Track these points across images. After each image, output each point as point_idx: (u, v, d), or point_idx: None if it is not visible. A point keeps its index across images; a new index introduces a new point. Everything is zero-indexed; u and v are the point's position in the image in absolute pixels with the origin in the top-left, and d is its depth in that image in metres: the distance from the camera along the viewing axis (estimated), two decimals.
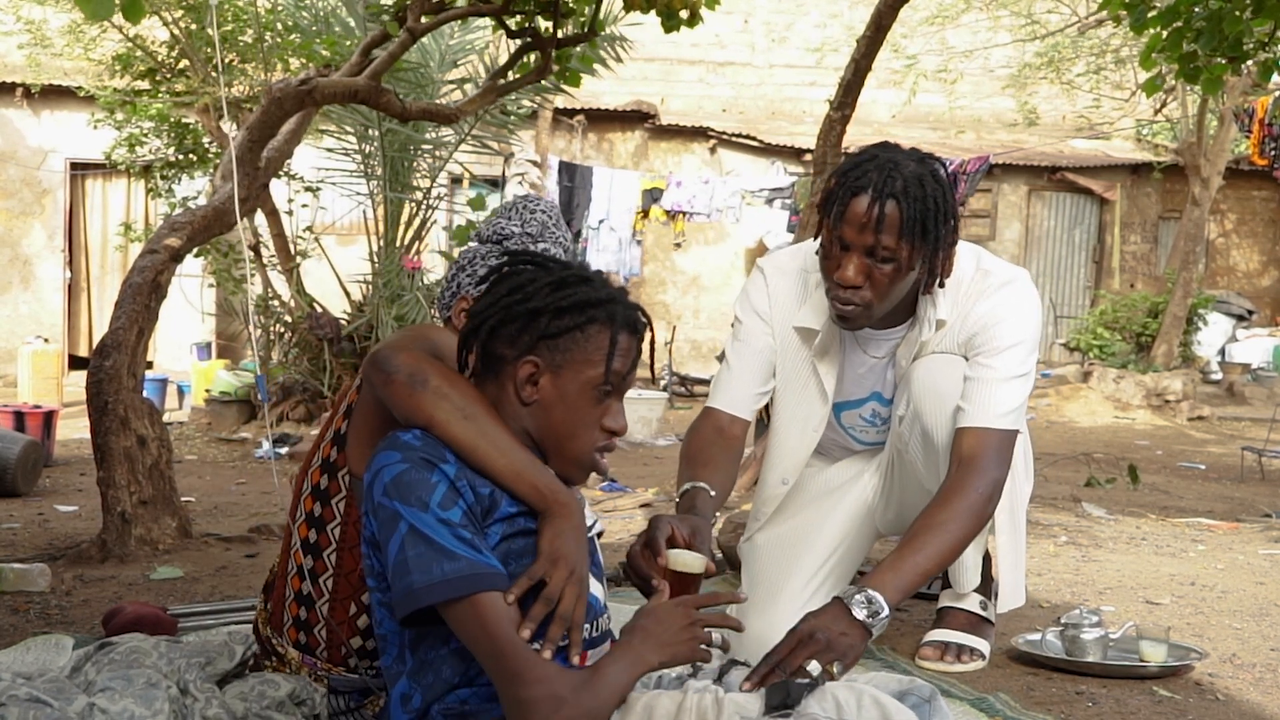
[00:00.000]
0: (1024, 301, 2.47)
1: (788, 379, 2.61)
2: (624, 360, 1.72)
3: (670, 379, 12.47)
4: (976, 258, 2.52)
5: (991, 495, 2.37)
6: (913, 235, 2.30)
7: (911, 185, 2.29)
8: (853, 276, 2.33)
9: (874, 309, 2.38)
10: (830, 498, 2.72)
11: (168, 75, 9.65)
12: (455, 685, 1.66)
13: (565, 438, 1.73)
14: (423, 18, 4.06)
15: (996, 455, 2.38)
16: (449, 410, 1.67)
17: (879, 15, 5.23)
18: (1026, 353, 2.46)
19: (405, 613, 1.59)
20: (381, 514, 1.62)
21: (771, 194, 13.76)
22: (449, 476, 1.62)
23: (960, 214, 2.43)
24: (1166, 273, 14.35)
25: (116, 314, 3.95)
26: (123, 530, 3.79)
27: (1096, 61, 14.44)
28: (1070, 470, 6.95)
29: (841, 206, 2.32)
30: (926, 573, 2.28)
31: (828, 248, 2.38)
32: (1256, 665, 2.61)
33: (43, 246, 13.61)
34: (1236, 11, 3.88)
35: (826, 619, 2.10)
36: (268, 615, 2.10)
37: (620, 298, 1.74)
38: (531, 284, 1.72)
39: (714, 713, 1.66)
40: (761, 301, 2.62)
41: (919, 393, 2.48)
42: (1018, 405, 2.43)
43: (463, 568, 1.56)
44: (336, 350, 8.40)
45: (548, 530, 1.65)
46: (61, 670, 2.07)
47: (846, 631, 2.09)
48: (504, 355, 1.72)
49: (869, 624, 2.12)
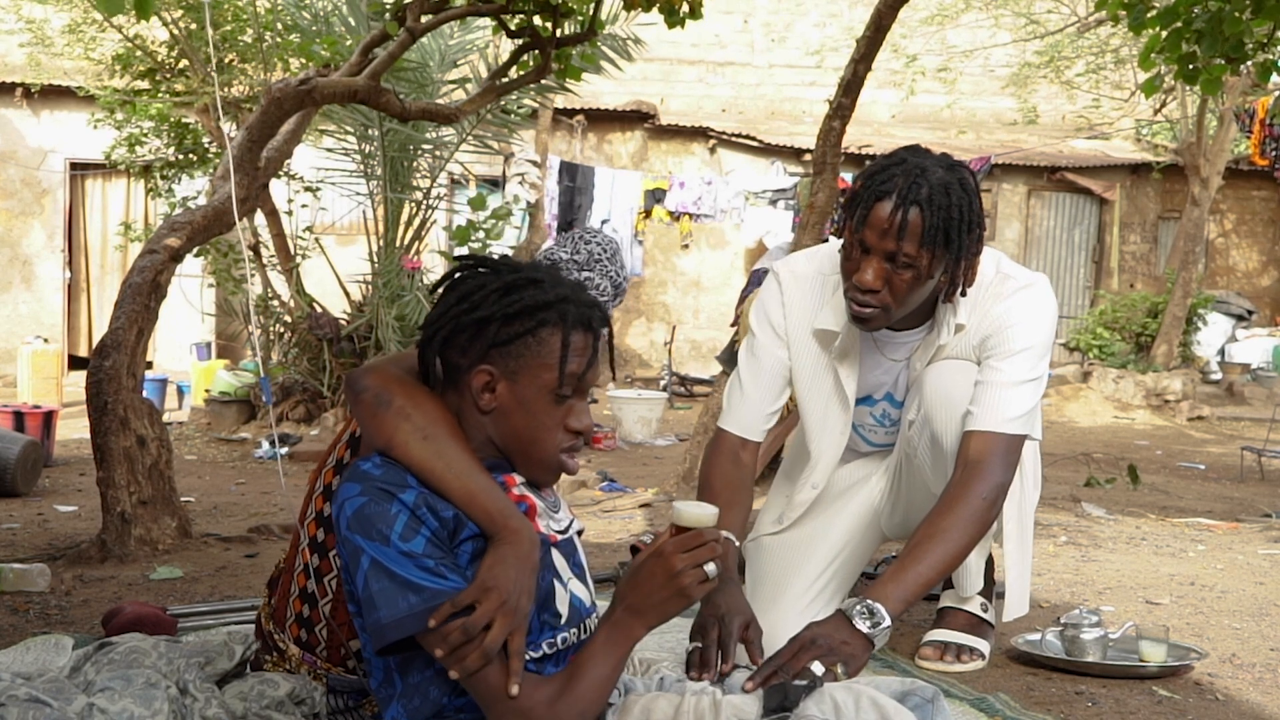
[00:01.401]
0: (1040, 306, 2.46)
1: (810, 384, 2.60)
2: (579, 361, 1.69)
3: (670, 379, 12.47)
4: (997, 262, 2.50)
5: (995, 500, 2.35)
6: (934, 244, 2.28)
7: (937, 193, 2.28)
8: (871, 280, 2.32)
9: (891, 313, 2.38)
10: (837, 501, 2.71)
11: (167, 75, 9.65)
12: (444, 707, 1.66)
13: (528, 443, 1.71)
14: (422, 17, 4.06)
15: (1002, 459, 2.37)
16: (409, 431, 1.66)
17: (879, 15, 5.22)
18: (1038, 357, 2.44)
19: (379, 646, 1.60)
20: (347, 548, 1.62)
21: (775, 195, 13.77)
22: (408, 506, 1.61)
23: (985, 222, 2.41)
24: (1166, 273, 14.35)
25: (116, 314, 3.95)
26: (122, 530, 3.79)
27: (1096, 61, 14.44)
28: (1070, 470, 6.95)
29: (865, 210, 2.31)
30: (929, 582, 2.27)
31: (849, 249, 2.37)
32: (1256, 665, 2.61)
33: (42, 246, 13.61)
34: (1236, 12, 3.87)
35: (829, 628, 2.11)
36: (271, 610, 2.10)
37: (574, 296, 1.70)
38: (479, 291, 1.70)
39: (711, 715, 1.66)
40: (776, 311, 2.60)
41: (930, 398, 2.47)
42: (1027, 410, 2.41)
43: (426, 599, 1.56)
44: (336, 350, 8.40)
45: (489, 557, 1.61)
46: (61, 670, 2.07)
47: (849, 641, 2.10)
48: (459, 365, 1.70)
49: (871, 635, 2.12)
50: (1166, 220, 15.71)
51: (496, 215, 8.74)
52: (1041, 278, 2.51)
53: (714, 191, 13.79)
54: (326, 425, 8.33)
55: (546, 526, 1.76)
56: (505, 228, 9.10)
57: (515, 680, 1.57)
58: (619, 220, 13.67)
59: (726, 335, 10.78)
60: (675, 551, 1.61)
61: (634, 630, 1.62)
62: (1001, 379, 2.41)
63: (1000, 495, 2.37)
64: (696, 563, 1.60)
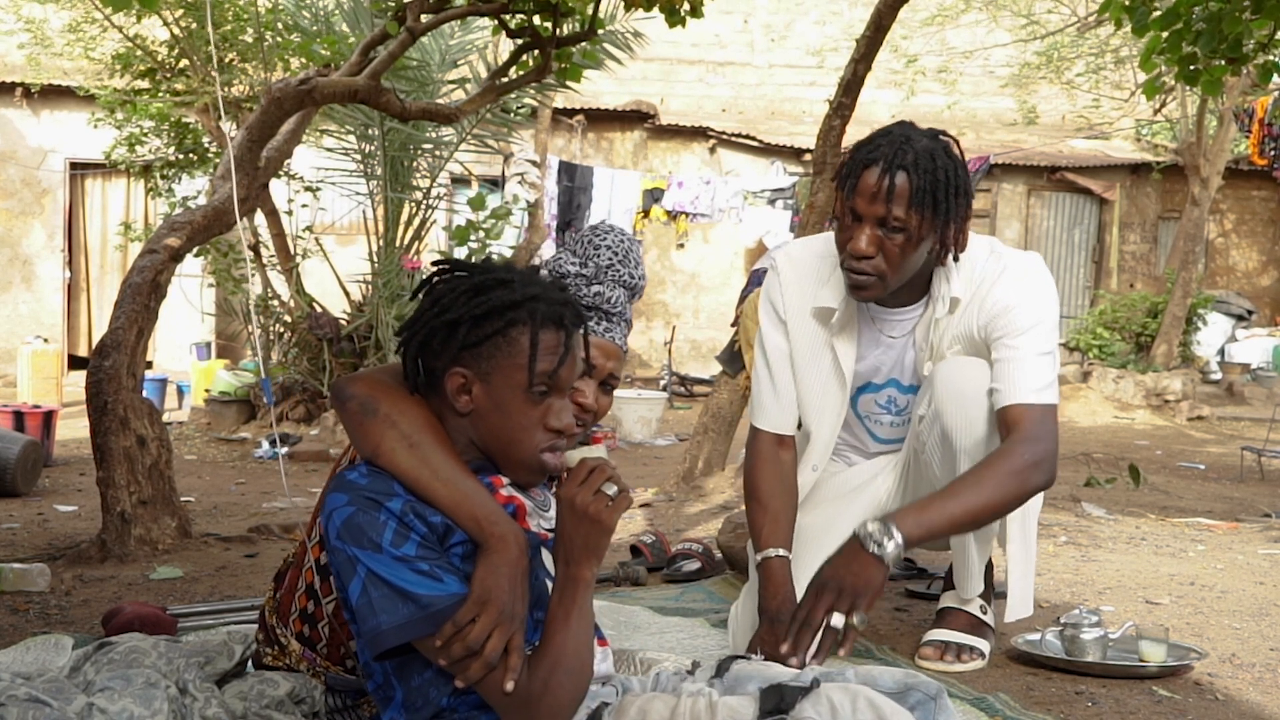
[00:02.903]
0: (1039, 283, 2.50)
1: (807, 364, 2.61)
2: (550, 359, 1.68)
3: (670, 379, 12.47)
4: (990, 244, 2.55)
5: (1038, 464, 2.34)
6: (923, 206, 2.34)
7: (922, 158, 2.34)
8: (865, 247, 2.37)
9: (887, 280, 2.41)
10: (843, 500, 2.70)
11: (168, 75, 9.65)
12: (442, 709, 1.67)
13: (507, 443, 1.71)
14: (422, 17, 4.06)
15: (1041, 427, 2.37)
16: (394, 438, 1.67)
17: (879, 15, 5.22)
18: (1048, 330, 2.47)
19: (377, 652, 1.60)
20: (338, 558, 1.62)
21: (773, 194, 13.78)
22: (395, 513, 1.61)
23: (972, 190, 2.45)
24: (1166, 273, 14.35)
25: (116, 314, 3.95)
26: (122, 530, 3.79)
27: (1096, 61, 14.45)
28: (1070, 470, 6.95)
29: (854, 179, 2.38)
30: (953, 519, 2.26)
31: (842, 219, 2.43)
32: (1256, 665, 2.61)
33: (42, 246, 13.61)
34: (1236, 13, 3.87)
35: (841, 562, 2.19)
36: (275, 603, 2.10)
37: (544, 294, 1.70)
38: (449, 294, 1.71)
39: (708, 716, 1.65)
40: (776, 295, 2.64)
41: (942, 394, 2.46)
42: (1050, 380, 2.43)
43: (424, 604, 1.57)
44: (336, 350, 8.40)
45: (480, 568, 1.61)
46: (61, 670, 2.07)
47: (861, 571, 2.16)
48: (435, 369, 1.70)
49: (882, 556, 2.15)
50: (1166, 220, 15.71)
51: (496, 215, 8.75)
52: (1034, 255, 2.56)
53: (713, 191, 13.80)
54: (326, 425, 8.33)
55: (537, 525, 1.76)
56: (505, 227, 9.11)
57: (512, 677, 1.58)
58: (618, 220, 13.68)
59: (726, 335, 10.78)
60: (571, 488, 1.62)
61: (578, 579, 1.63)
62: (1019, 354, 2.42)
63: (1044, 461, 2.35)
64: (594, 489, 1.61)
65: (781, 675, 1.73)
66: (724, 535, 3.60)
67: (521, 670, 1.60)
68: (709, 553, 3.59)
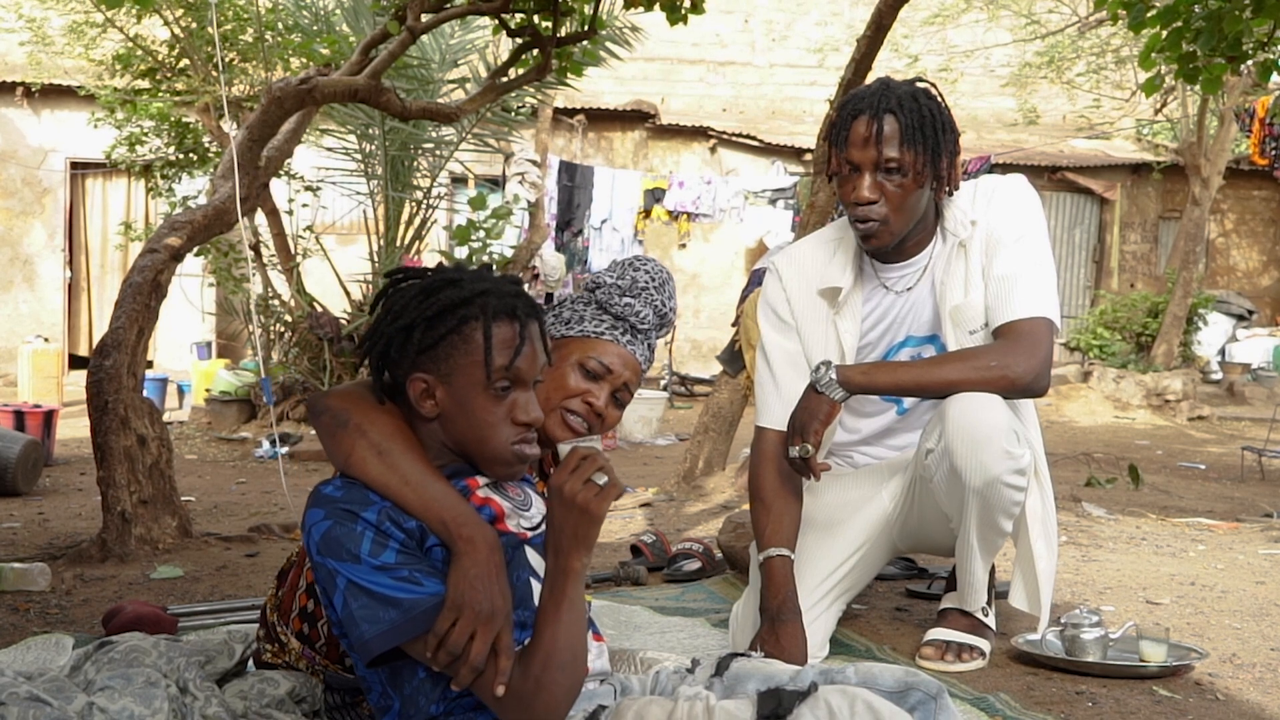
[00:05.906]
0: (1023, 194, 2.58)
1: (816, 354, 2.60)
2: (506, 352, 1.68)
3: (670, 379, 12.46)
4: (974, 184, 2.61)
5: (1004, 371, 2.37)
6: (914, 142, 2.41)
7: (906, 100, 2.43)
8: (867, 194, 2.43)
9: (893, 224, 2.46)
10: (847, 507, 2.69)
11: (168, 74, 9.65)
12: (435, 716, 1.67)
13: (477, 442, 1.71)
14: (422, 16, 4.06)
15: (1026, 341, 2.40)
16: (364, 448, 1.68)
17: (879, 15, 5.22)
18: (1037, 241, 2.52)
19: (366, 661, 1.61)
20: (321, 573, 1.64)
21: (774, 194, 13.77)
22: (371, 523, 1.62)
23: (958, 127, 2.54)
24: (1166, 272, 14.34)
25: (116, 313, 3.95)
26: (123, 530, 3.79)
27: (1096, 61, 14.44)
28: (1070, 470, 6.95)
29: (844, 131, 2.45)
30: (898, 382, 2.43)
31: (841, 174, 2.48)
32: (1256, 665, 2.61)
33: (43, 246, 13.61)
34: (1236, 11, 3.87)
35: (799, 406, 2.42)
36: (277, 601, 2.11)
37: (495, 288, 1.70)
38: (401, 300, 1.71)
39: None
40: (778, 298, 2.65)
41: (952, 431, 2.39)
42: (1044, 291, 2.47)
43: (405, 608, 1.58)
44: (336, 350, 8.40)
45: (452, 574, 1.61)
46: (61, 669, 2.07)
47: (806, 404, 2.40)
48: (398, 377, 1.72)
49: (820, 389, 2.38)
50: (1167, 220, 15.71)
51: (496, 214, 8.74)
52: (1017, 176, 2.64)
53: (713, 191, 13.79)
54: None
55: (517, 525, 1.75)
56: (505, 227, 9.11)
57: (501, 681, 1.59)
58: (619, 220, 13.68)
59: (727, 335, 10.77)
60: (561, 477, 1.62)
61: (568, 570, 1.62)
62: (1009, 270, 2.47)
63: (1021, 362, 2.38)
64: (584, 479, 1.60)
65: (781, 675, 1.72)
66: (724, 535, 3.60)
67: (511, 671, 1.60)
68: (709, 552, 3.59)
